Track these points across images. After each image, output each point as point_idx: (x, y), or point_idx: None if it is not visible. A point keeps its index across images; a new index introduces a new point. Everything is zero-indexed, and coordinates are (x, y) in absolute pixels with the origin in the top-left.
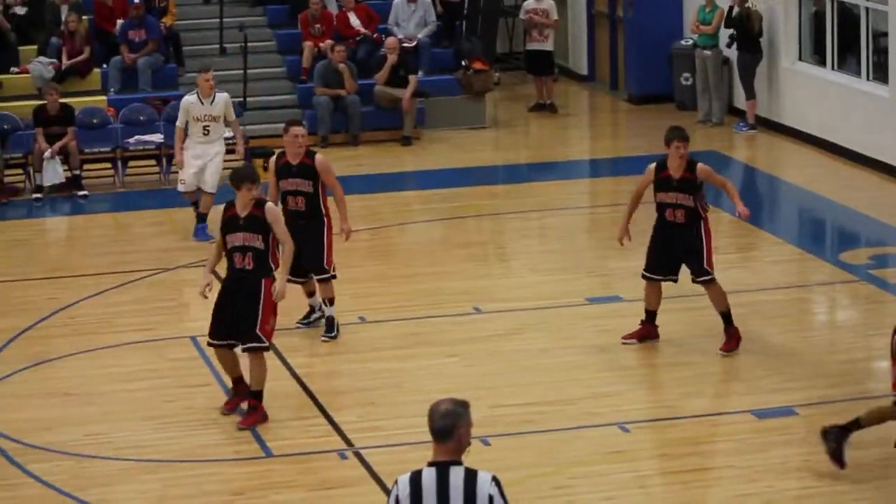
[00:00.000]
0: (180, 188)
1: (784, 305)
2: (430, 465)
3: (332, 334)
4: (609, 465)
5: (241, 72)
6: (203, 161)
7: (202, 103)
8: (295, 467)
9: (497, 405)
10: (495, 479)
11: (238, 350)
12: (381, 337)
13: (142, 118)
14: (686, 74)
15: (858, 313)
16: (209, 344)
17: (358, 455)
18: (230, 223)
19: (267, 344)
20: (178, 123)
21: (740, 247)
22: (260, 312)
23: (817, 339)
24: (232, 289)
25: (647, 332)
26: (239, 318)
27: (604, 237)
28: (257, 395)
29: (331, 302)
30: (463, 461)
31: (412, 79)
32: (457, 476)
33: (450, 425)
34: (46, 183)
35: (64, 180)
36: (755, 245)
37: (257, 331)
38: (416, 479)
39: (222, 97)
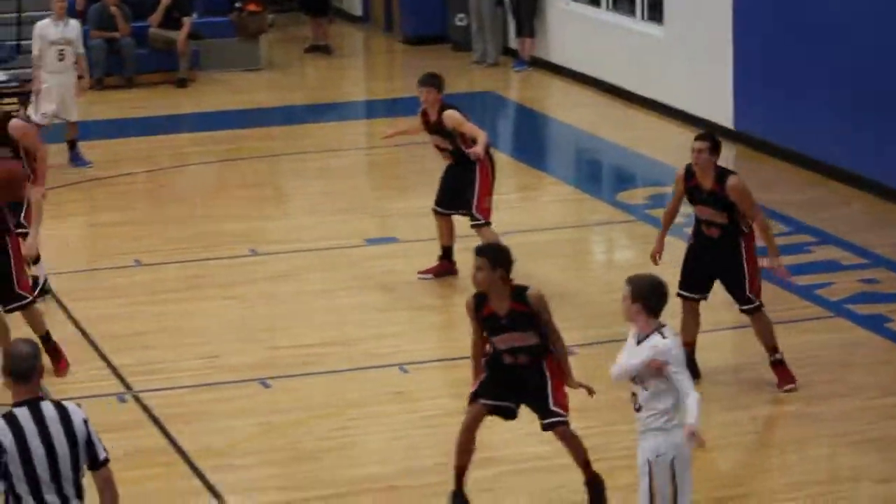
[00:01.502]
0: (40, 119)
1: (561, 245)
2: (18, 404)
3: None
4: (390, 405)
5: (16, 15)
6: (61, 91)
7: (56, 26)
8: None
9: (276, 347)
10: (78, 405)
11: None
12: (159, 280)
13: None
14: (461, 15)
15: (635, 253)
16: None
17: (136, 398)
18: None
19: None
20: (34, 52)
21: (517, 187)
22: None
23: (594, 279)
24: None
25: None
26: None
27: (381, 177)
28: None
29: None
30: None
31: (186, 20)
32: (48, 409)
33: (31, 366)
34: None
35: None
36: (532, 185)
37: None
38: (12, 420)
39: (75, 22)
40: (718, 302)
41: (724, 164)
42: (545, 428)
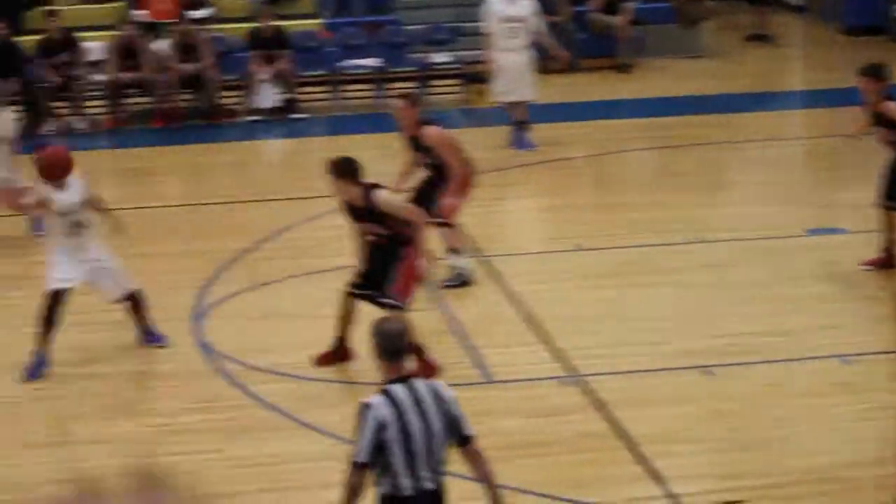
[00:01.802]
0: (500, 98)
1: None
2: (393, 382)
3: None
4: (831, 396)
5: None
6: (515, 70)
7: (510, 3)
8: (515, 393)
9: (717, 335)
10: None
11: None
12: (600, 264)
13: (356, 42)
14: None
15: None
16: None
17: (579, 382)
18: None
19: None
20: (486, 29)
21: None
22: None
23: None
24: None
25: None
26: None
27: (822, 168)
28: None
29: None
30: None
31: (628, 6)
32: (420, 386)
33: (403, 344)
34: (262, 105)
35: (279, 103)
36: None
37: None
38: (391, 397)
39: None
40: None
41: None
42: None
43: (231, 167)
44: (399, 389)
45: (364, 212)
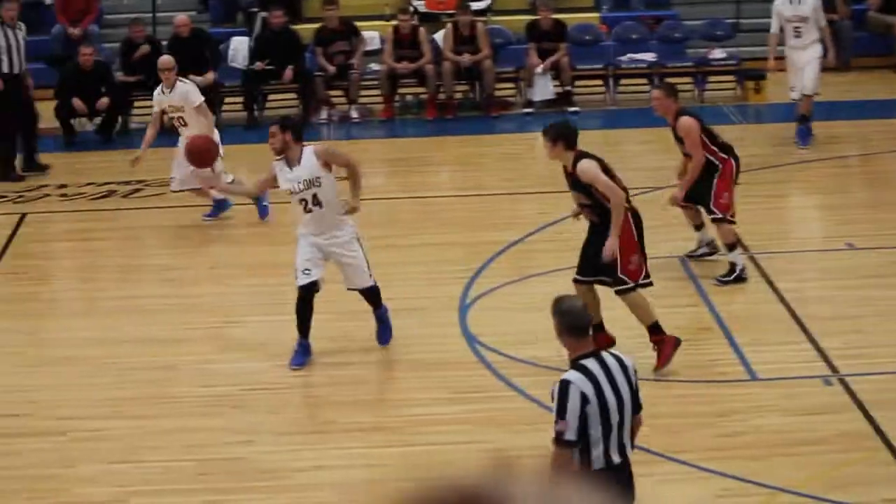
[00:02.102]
0: (793, 95)
1: None
2: (585, 356)
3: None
4: None
5: None
6: (799, 64)
7: (791, 3)
8: (778, 391)
9: None
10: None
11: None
12: (869, 264)
13: (634, 36)
14: None
15: None
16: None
17: (842, 382)
18: None
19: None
20: (772, 30)
21: None
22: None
23: None
24: None
25: None
26: None
27: None
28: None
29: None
30: None
31: None
32: (609, 359)
33: (588, 319)
34: (537, 98)
35: (554, 96)
36: None
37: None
38: (587, 371)
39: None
40: None
41: None
42: None
43: (504, 159)
44: (592, 364)
45: (572, 180)
